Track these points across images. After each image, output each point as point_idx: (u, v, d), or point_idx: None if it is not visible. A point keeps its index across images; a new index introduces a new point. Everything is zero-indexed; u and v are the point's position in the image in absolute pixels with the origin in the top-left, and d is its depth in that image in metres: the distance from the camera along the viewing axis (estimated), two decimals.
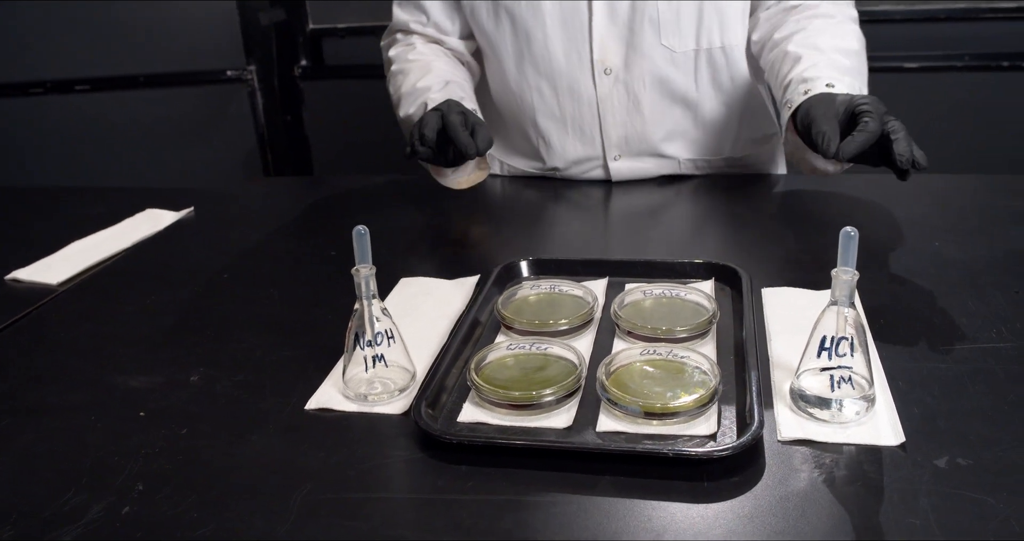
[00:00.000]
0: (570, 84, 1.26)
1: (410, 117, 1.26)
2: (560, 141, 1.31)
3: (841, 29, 1.21)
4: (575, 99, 1.27)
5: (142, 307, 0.97)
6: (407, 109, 1.27)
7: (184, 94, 2.67)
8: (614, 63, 1.24)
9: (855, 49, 1.19)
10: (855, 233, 0.65)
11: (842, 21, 1.22)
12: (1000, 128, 2.27)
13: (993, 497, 0.60)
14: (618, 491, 0.63)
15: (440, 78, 1.26)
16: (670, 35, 1.22)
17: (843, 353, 0.68)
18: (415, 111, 1.24)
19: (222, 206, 1.32)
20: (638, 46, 1.22)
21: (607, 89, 1.25)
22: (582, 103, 1.27)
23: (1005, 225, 1.06)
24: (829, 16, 1.22)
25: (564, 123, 1.29)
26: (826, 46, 1.17)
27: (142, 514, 0.63)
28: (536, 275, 0.96)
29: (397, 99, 1.31)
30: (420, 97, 1.24)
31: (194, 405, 0.76)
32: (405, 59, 1.33)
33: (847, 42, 1.19)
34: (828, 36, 1.19)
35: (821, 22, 1.21)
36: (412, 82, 1.28)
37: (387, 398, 0.75)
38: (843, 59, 1.15)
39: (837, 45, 1.17)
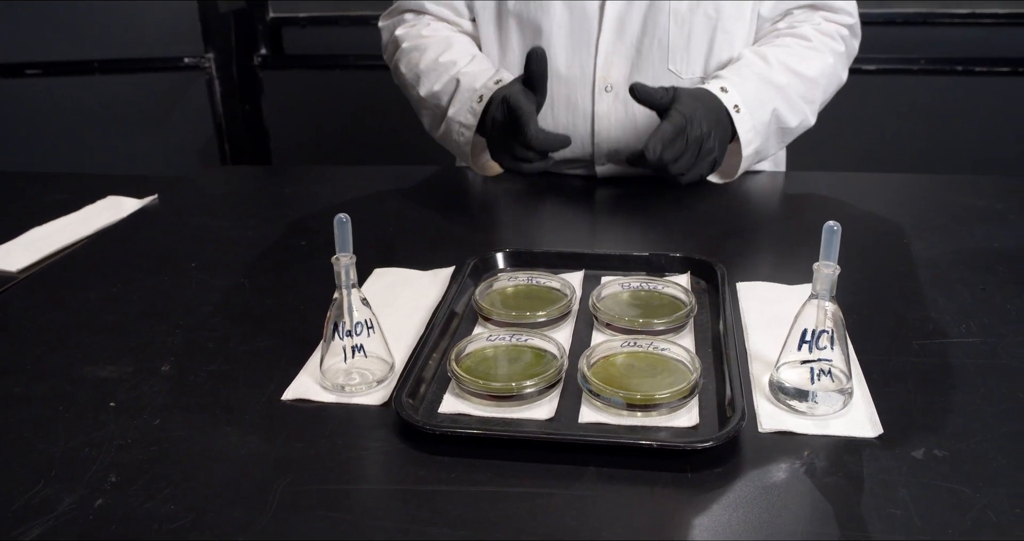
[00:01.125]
0: (568, 96, 1.24)
1: (435, 94, 1.23)
2: None
3: (808, 53, 1.20)
4: (571, 112, 1.25)
5: (108, 295, 0.94)
6: (430, 86, 1.23)
7: (140, 81, 2.61)
8: (616, 81, 1.22)
9: (808, 75, 1.19)
10: (838, 228, 0.66)
11: (816, 47, 1.20)
12: (953, 130, 2.33)
13: (969, 488, 0.61)
14: (602, 482, 0.63)
15: (464, 52, 1.23)
16: (678, 60, 1.21)
17: (823, 346, 0.68)
18: (442, 89, 1.22)
19: (185, 194, 1.29)
20: (644, 68, 1.21)
21: (606, 106, 1.23)
22: (577, 116, 1.25)
23: (969, 224, 1.08)
24: (804, 39, 1.21)
25: (556, 130, 1.24)
26: (773, 58, 1.18)
27: (116, 506, 0.61)
28: (512, 267, 0.95)
29: (414, 76, 1.26)
30: (447, 71, 1.21)
31: (166, 395, 0.75)
32: (419, 35, 1.28)
33: (802, 65, 1.18)
34: (785, 53, 1.19)
35: (792, 41, 1.21)
36: (432, 57, 1.24)
37: (365, 389, 0.74)
38: (780, 75, 1.16)
39: (786, 62, 1.18)
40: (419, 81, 1.25)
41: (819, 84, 1.21)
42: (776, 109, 1.17)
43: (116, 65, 2.57)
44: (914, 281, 0.92)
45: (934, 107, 2.30)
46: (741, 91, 1.14)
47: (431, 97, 1.24)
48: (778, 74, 1.17)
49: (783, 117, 1.18)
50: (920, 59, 2.26)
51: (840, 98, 1.30)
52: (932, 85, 2.29)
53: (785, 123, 1.19)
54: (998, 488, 0.61)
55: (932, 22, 2.26)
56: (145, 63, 2.57)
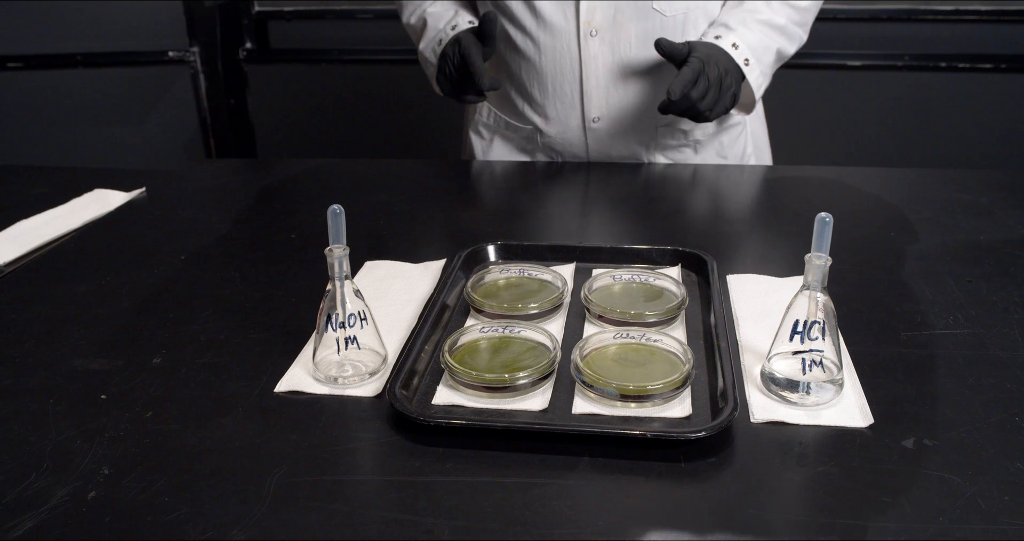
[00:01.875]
0: (555, 44, 1.25)
1: (411, 26, 1.36)
2: (540, 99, 1.30)
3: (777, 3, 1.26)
4: (558, 60, 1.26)
5: (97, 288, 0.94)
6: (407, 18, 1.37)
7: (123, 74, 2.60)
8: (601, 25, 1.23)
9: (803, 6, 1.26)
10: (830, 219, 0.67)
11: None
12: (937, 125, 2.35)
13: (959, 476, 0.62)
14: (596, 472, 0.63)
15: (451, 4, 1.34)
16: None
17: (815, 337, 0.69)
18: (415, 22, 1.35)
19: (173, 187, 1.28)
20: (627, 10, 1.22)
21: (592, 52, 1.24)
22: (564, 64, 1.26)
23: (955, 217, 1.09)
24: None
25: (545, 82, 1.28)
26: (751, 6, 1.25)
27: (110, 498, 0.61)
28: (503, 260, 0.95)
29: (400, 4, 1.38)
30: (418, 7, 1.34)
31: (158, 388, 0.74)
32: None
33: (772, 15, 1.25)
34: None
35: None
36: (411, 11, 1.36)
37: (358, 381, 0.74)
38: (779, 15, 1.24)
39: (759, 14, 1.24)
40: (402, 10, 1.38)
41: (810, 10, 1.28)
42: (779, 48, 1.25)
43: (100, 59, 2.55)
44: (902, 273, 0.93)
45: (918, 103, 2.32)
46: (749, 44, 1.21)
47: (408, 28, 1.39)
48: (778, 14, 1.24)
49: (783, 51, 1.26)
50: (905, 55, 2.28)
51: (826, 93, 1.31)
52: (916, 81, 2.31)
53: (785, 53, 1.27)
54: (987, 476, 0.62)
55: (917, 19, 2.27)
56: (129, 57, 2.56)
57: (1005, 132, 2.33)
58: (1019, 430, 0.67)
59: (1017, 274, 0.93)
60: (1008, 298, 0.87)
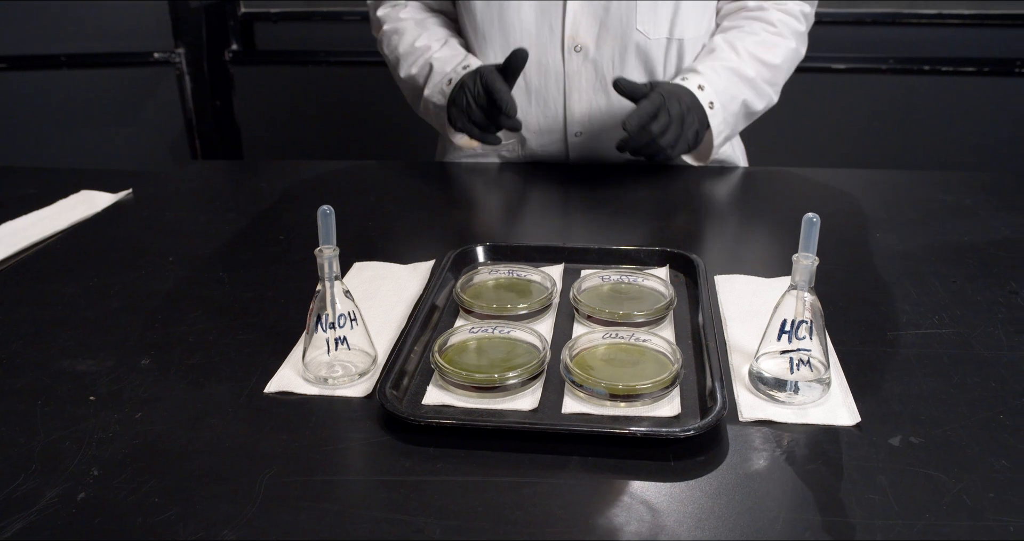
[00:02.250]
0: (539, 58, 1.26)
1: (413, 78, 1.31)
2: (523, 110, 1.29)
3: (774, 40, 1.25)
4: (542, 73, 1.27)
5: (84, 290, 0.93)
6: (408, 69, 1.32)
7: (108, 76, 2.58)
8: (585, 42, 1.24)
9: (773, 63, 1.25)
10: (817, 219, 0.67)
11: (781, 33, 1.26)
12: (920, 127, 2.36)
13: (945, 474, 0.62)
14: (586, 471, 0.64)
15: (437, 36, 1.31)
16: (646, 22, 1.23)
17: (802, 336, 0.70)
18: (417, 72, 1.30)
19: (159, 188, 1.28)
20: (612, 28, 1.23)
21: (576, 66, 1.25)
22: (549, 77, 1.27)
23: (940, 218, 1.10)
24: (770, 24, 1.26)
25: (528, 94, 1.29)
26: (743, 50, 1.23)
27: (100, 499, 0.61)
28: (491, 261, 0.96)
29: (394, 59, 1.35)
30: (422, 56, 1.30)
31: (147, 389, 0.74)
32: (397, 18, 1.35)
33: (769, 54, 1.24)
34: (753, 42, 1.24)
35: (759, 26, 1.26)
36: (409, 41, 1.32)
37: (348, 381, 0.74)
38: (750, 68, 1.22)
39: (755, 53, 1.23)
40: (399, 64, 1.34)
41: (783, 69, 1.28)
42: (745, 100, 1.24)
43: (84, 60, 2.54)
44: (887, 274, 0.94)
45: (902, 105, 2.34)
46: (716, 88, 1.20)
47: (409, 79, 1.33)
48: (747, 66, 1.23)
49: (751, 104, 1.25)
50: (889, 58, 2.30)
51: (812, 95, 1.33)
52: (900, 84, 2.32)
53: (752, 108, 1.26)
54: (973, 473, 0.62)
55: (900, 22, 2.29)
56: (114, 58, 2.54)
57: (988, 134, 2.35)
58: (1004, 428, 0.67)
59: (1001, 274, 0.94)
60: (992, 298, 0.88)
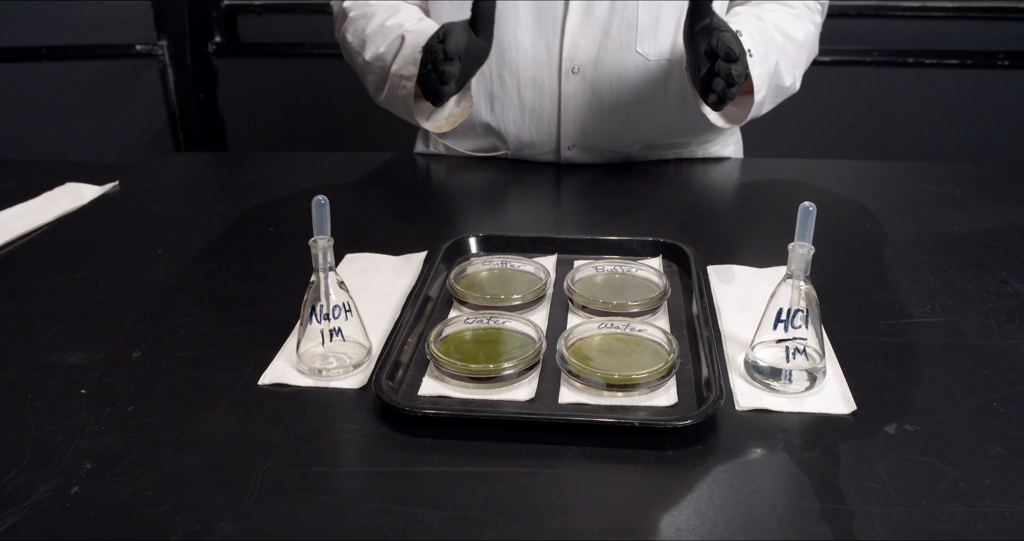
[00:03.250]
0: (535, 78, 1.23)
1: (381, 56, 1.17)
2: (515, 124, 1.27)
3: (794, 19, 1.20)
4: (537, 91, 1.24)
5: (73, 282, 0.92)
6: (376, 48, 1.18)
7: (89, 68, 2.55)
8: (583, 63, 1.21)
9: (797, 38, 1.18)
10: (813, 209, 0.67)
11: (800, 15, 1.21)
12: (905, 119, 2.38)
13: (941, 461, 0.63)
14: (585, 461, 0.63)
15: (412, 15, 1.20)
16: (646, 42, 1.20)
17: (798, 325, 0.70)
18: (387, 49, 1.16)
19: (146, 180, 1.27)
20: (611, 49, 1.20)
21: (572, 87, 1.23)
22: (544, 96, 1.24)
23: (929, 208, 1.11)
24: (789, 6, 1.21)
25: (522, 110, 1.26)
26: (767, 19, 1.16)
27: (93, 493, 0.60)
28: (484, 252, 0.95)
29: (359, 42, 1.20)
30: (393, 33, 1.16)
31: (139, 382, 0.73)
32: (366, 3, 1.23)
33: (792, 29, 1.18)
34: (775, 16, 1.18)
35: (778, 6, 1.21)
36: (379, 22, 1.19)
37: (342, 373, 0.74)
38: (776, 34, 1.14)
39: (778, 24, 1.16)
40: (365, 46, 1.20)
41: (804, 49, 1.20)
42: (778, 63, 1.14)
43: (64, 52, 2.51)
44: (879, 263, 0.95)
45: (887, 97, 2.35)
46: (752, 37, 1.10)
47: (376, 59, 1.19)
48: (775, 33, 1.15)
49: (781, 74, 1.16)
50: (873, 51, 2.31)
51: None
52: (885, 76, 2.33)
53: (781, 81, 1.17)
54: (968, 460, 0.63)
55: (885, 15, 2.30)
56: (95, 50, 2.51)
57: (970, 126, 2.37)
58: (997, 415, 0.68)
59: (990, 263, 0.94)
60: (982, 287, 0.89)
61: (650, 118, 1.26)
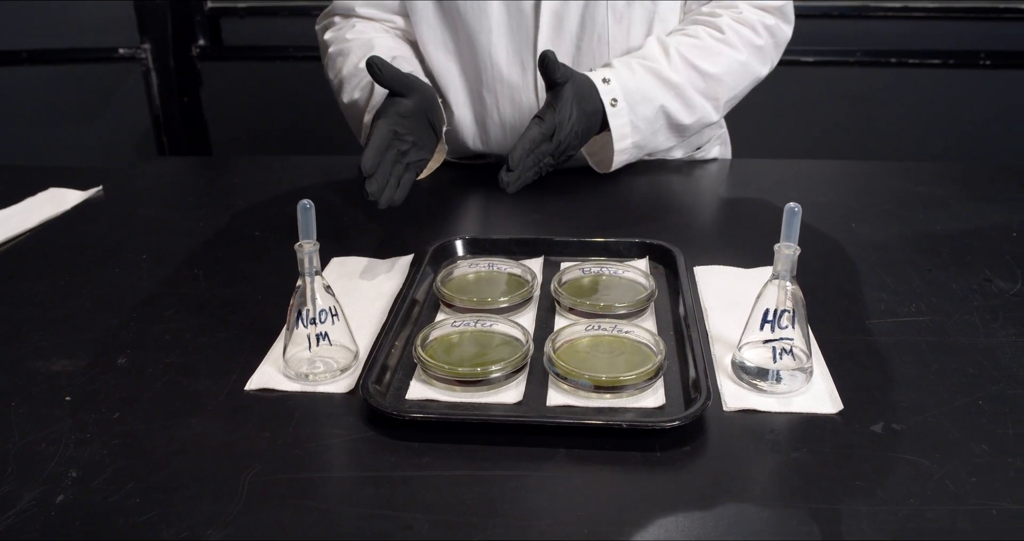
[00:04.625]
0: (512, 94, 1.22)
1: (355, 102, 1.18)
2: (498, 142, 1.27)
3: (716, 47, 1.16)
4: (516, 111, 1.23)
5: (56, 288, 0.91)
6: (351, 94, 1.18)
7: (72, 72, 2.54)
8: None
9: (709, 72, 1.15)
10: (799, 209, 0.68)
11: (728, 40, 1.17)
12: (888, 119, 2.39)
13: (928, 459, 0.63)
14: (573, 463, 0.63)
15: (385, 53, 1.17)
16: (618, 54, 1.19)
17: (784, 326, 0.70)
18: (360, 95, 1.16)
19: (129, 185, 1.26)
20: (584, 65, 1.19)
21: None
22: (523, 114, 1.23)
23: (913, 208, 1.11)
24: (717, 30, 1.18)
25: (503, 127, 1.25)
26: (674, 51, 1.14)
27: (79, 502, 0.60)
28: (471, 254, 0.95)
29: (338, 83, 1.22)
30: (365, 77, 1.15)
31: (124, 389, 0.73)
32: (343, 39, 1.23)
33: (706, 62, 1.15)
34: (689, 45, 1.15)
35: (703, 31, 1.17)
36: (354, 63, 1.19)
37: (329, 377, 0.74)
38: (677, 73, 1.13)
39: (688, 58, 1.14)
40: (342, 87, 1.21)
41: (723, 81, 1.17)
42: (664, 106, 1.14)
43: (46, 55, 2.49)
44: (864, 263, 0.95)
45: (870, 97, 2.37)
46: (624, 85, 1.11)
47: (352, 105, 1.19)
48: (675, 71, 1.14)
49: (674, 114, 1.15)
50: (856, 51, 2.32)
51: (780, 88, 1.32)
52: (867, 76, 2.35)
53: (677, 120, 1.16)
54: (954, 458, 0.63)
55: (867, 15, 2.32)
56: (78, 54, 2.50)
57: (952, 126, 2.39)
58: (983, 413, 0.68)
59: (974, 263, 0.95)
60: (967, 286, 0.89)
61: None
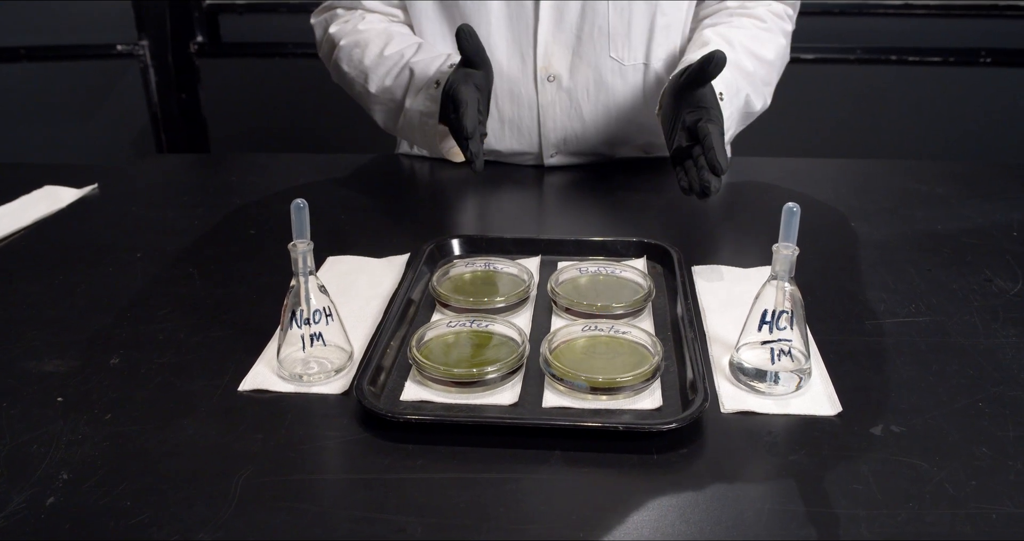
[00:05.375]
0: (511, 88, 1.22)
1: (389, 90, 1.19)
2: (496, 137, 1.26)
3: (764, 35, 1.19)
4: (516, 104, 1.23)
5: (50, 287, 0.91)
6: (381, 81, 1.19)
7: (70, 69, 2.53)
8: (559, 71, 1.21)
9: (767, 59, 1.18)
10: (797, 209, 0.67)
11: (770, 28, 1.20)
12: (888, 117, 2.38)
13: (927, 462, 0.62)
14: (569, 465, 0.63)
15: (407, 42, 1.19)
16: (620, 47, 1.19)
17: (783, 327, 0.69)
18: (394, 83, 1.18)
19: (126, 183, 1.25)
20: (585, 56, 1.20)
21: (550, 96, 1.22)
22: (523, 106, 1.23)
23: (912, 206, 1.11)
24: (759, 19, 1.20)
25: (502, 122, 1.25)
26: (738, 43, 1.15)
27: (70, 504, 0.59)
28: (467, 253, 0.95)
29: (360, 74, 1.22)
30: (396, 64, 1.17)
31: (117, 389, 0.72)
32: (355, 30, 1.23)
33: (763, 49, 1.17)
34: (746, 36, 1.17)
35: (748, 22, 1.20)
36: (376, 52, 1.19)
37: (323, 378, 0.73)
38: (746, 60, 1.14)
39: (749, 47, 1.16)
40: (368, 77, 1.21)
41: (775, 66, 1.21)
42: (748, 95, 1.14)
43: (44, 52, 2.48)
44: (864, 263, 0.94)
45: (870, 95, 2.36)
46: (723, 78, 1.07)
47: (383, 92, 1.20)
48: (745, 59, 1.15)
49: (751, 102, 1.16)
50: (856, 48, 2.31)
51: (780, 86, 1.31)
52: (868, 74, 2.34)
53: (751, 107, 1.17)
54: (954, 461, 0.62)
55: (868, 13, 2.31)
56: (75, 51, 2.49)
57: (952, 123, 2.37)
58: (983, 415, 0.68)
59: (974, 262, 0.94)
60: (967, 286, 0.89)
61: (631, 123, 1.25)
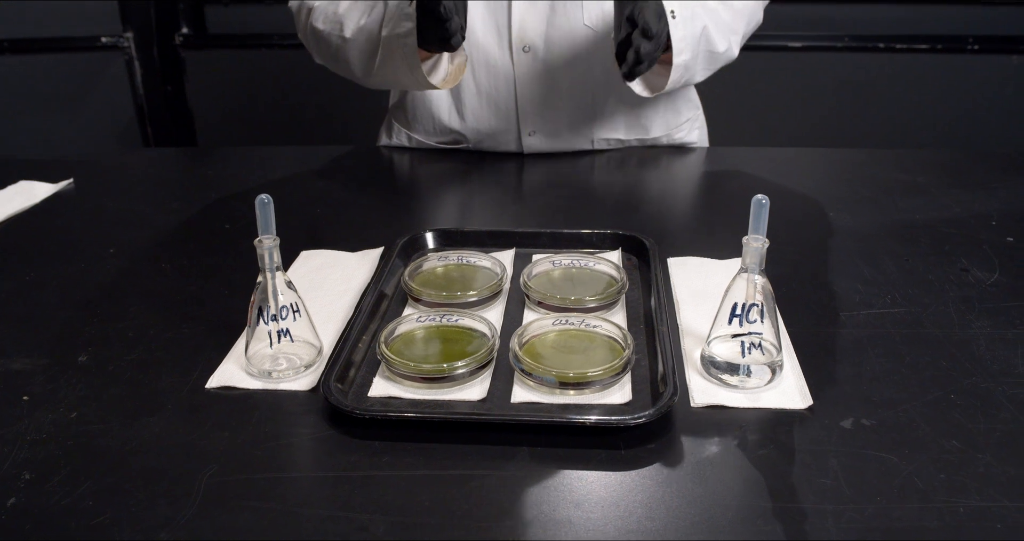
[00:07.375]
0: (487, 59, 1.22)
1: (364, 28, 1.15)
2: (474, 113, 1.27)
3: None
4: (492, 74, 1.23)
5: (21, 285, 0.90)
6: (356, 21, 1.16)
7: (54, 61, 2.51)
8: (534, 41, 1.20)
9: (735, 7, 1.16)
10: (766, 201, 0.66)
11: None
12: (875, 105, 2.37)
13: (896, 455, 0.62)
14: (536, 462, 0.62)
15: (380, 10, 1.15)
16: (593, 16, 1.19)
17: (753, 320, 0.69)
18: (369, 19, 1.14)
19: (102, 177, 1.24)
20: (559, 25, 1.19)
21: (525, 67, 1.22)
22: (499, 78, 1.23)
23: (893, 196, 1.10)
24: None
25: (479, 95, 1.25)
26: None
27: (31, 504, 0.59)
28: (442, 247, 0.94)
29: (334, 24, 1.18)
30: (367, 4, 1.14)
31: (84, 387, 0.72)
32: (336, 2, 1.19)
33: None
34: None
35: None
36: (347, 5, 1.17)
37: (292, 375, 0.72)
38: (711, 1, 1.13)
39: None
40: (342, 25, 1.17)
41: (743, 15, 1.19)
42: (707, 27, 1.12)
43: (27, 45, 2.46)
44: (841, 253, 0.94)
45: (857, 82, 2.35)
46: None
47: (359, 33, 1.16)
48: None
49: (712, 38, 1.13)
50: (844, 36, 2.30)
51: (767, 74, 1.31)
52: (855, 61, 2.33)
53: (713, 46, 1.14)
54: (923, 455, 0.62)
55: (856, 0, 2.30)
56: (59, 43, 2.47)
57: (941, 111, 2.37)
58: (954, 408, 0.67)
59: (952, 252, 0.94)
60: (944, 277, 0.88)
61: (606, 95, 1.25)
